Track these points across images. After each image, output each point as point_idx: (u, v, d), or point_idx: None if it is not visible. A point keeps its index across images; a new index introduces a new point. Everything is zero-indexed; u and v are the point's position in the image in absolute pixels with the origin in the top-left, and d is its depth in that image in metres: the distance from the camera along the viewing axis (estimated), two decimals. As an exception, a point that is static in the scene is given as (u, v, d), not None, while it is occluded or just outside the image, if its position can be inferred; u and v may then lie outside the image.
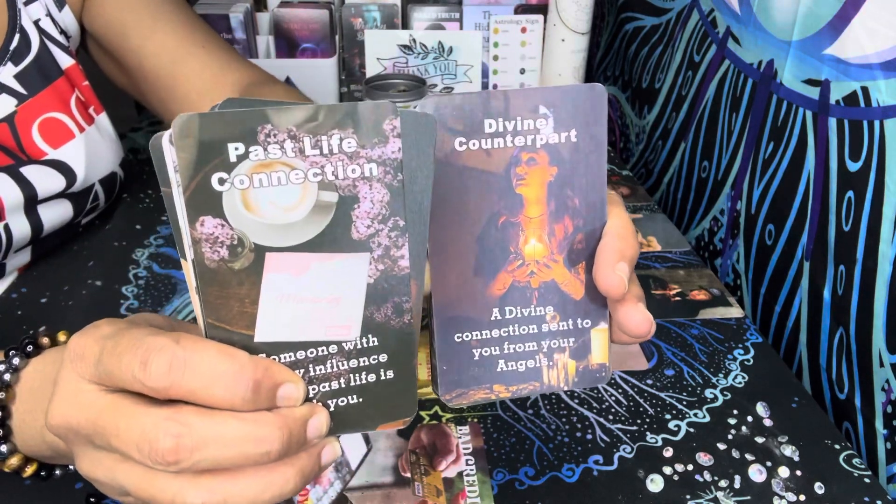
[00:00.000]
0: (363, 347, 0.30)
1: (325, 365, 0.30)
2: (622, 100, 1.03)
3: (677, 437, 0.49)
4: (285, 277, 0.28)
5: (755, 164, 0.67)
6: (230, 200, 0.27)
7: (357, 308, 0.30)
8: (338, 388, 0.31)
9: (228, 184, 0.26)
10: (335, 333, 0.30)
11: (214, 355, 0.27)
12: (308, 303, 0.29)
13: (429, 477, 0.45)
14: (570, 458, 0.47)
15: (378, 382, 0.31)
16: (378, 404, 0.31)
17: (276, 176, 0.27)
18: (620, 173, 0.88)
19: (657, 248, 0.71)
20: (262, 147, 0.26)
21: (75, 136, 0.60)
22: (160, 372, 0.26)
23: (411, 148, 0.28)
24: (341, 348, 0.30)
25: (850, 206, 0.53)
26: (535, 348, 0.33)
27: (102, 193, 0.65)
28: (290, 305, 0.29)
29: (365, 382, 0.31)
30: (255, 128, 0.26)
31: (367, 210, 0.28)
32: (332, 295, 0.29)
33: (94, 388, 0.28)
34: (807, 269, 0.59)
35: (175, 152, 0.26)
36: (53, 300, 0.61)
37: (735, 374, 0.55)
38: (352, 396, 0.31)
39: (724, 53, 0.72)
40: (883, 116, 0.49)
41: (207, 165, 0.26)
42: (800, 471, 0.47)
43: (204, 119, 0.26)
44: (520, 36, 1.04)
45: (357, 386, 0.31)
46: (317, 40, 1.03)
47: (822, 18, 0.55)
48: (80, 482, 0.44)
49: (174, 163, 0.26)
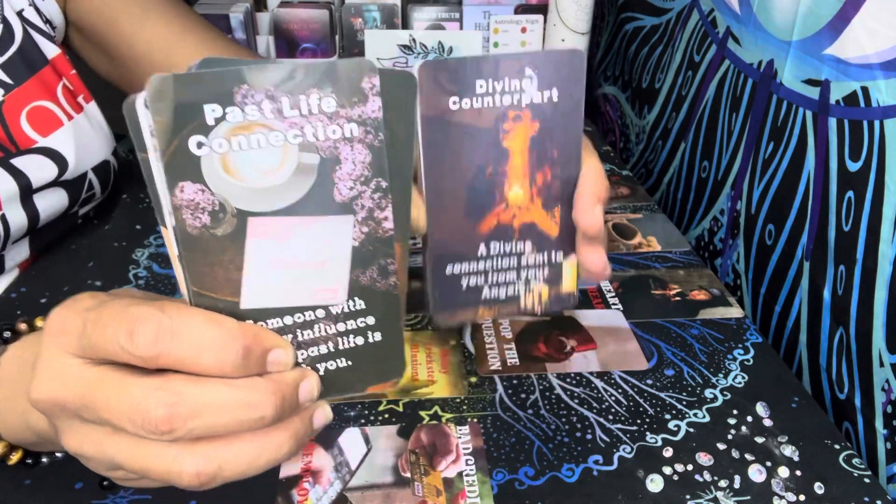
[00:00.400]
0: (350, 311, 0.30)
1: (312, 329, 0.30)
2: (622, 100, 1.03)
3: (677, 437, 0.49)
4: (269, 243, 0.28)
5: (755, 164, 0.67)
6: (209, 165, 0.26)
7: (343, 271, 0.29)
8: (326, 352, 0.31)
9: (207, 147, 0.26)
10: (322, 297, 0.30)
11: (202, 323, 0.27)
12: (293, 267, 0.29)
13: (428, 477, 0.45)
14: (569, 458, 0.47)
15: (366, 345, 0.31)
16: (367, 366, 0.31)
17: (256, 138, 0.26)
18: (620, 173, 0.88)
19: (657, 248, 0.71)
20: (239, 108, 0.26)
21: (64, 124, 0.61)
22: (147, 341, 0.26)
23: (392, 107, 0.28)
24: (328, 312, 0.30)
25: (850, 206, 0.53)
26: (515, 278, 0.38)
27: (97, 183, 0.65)
28: (275, 271, 0.28)
29: (353, 345, 0.31)
30: (231, 88, 0.25)
31: (348, 172, 0.28)
32: (317, 259, 0.29)
33: (79, 362, 0.28)
34: (807, 269, 0.59)
35: (151, 116, 0.25)
36: (53, 300, 0.61)
37: (735, 374, 0.55)
38: (341, 360, 0.31)
39: (724, 53, 0.72)
40: (883, 116, 0.49)
41: (185, 129, 0.25)
42: (800, 471, 0.47)
43: (179, 80, 0.25)
44: (520, 36, 1.04)
45: (345, 349, 0.31)
46: (317, 40, 1.03)
47: (822, 18, 0.55)
48: (80, 482, 0.44)
49: (150, 127, 0.25)
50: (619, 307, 0.62)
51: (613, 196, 0.82)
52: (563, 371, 0.55)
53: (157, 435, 0.26)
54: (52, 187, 0.60)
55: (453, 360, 0.55)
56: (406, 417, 0.50)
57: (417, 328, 0.59)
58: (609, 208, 0.79)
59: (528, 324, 0.60)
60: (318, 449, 0.47)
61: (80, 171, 0.63)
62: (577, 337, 0.58)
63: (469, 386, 0.53)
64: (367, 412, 0.50)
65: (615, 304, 0.62)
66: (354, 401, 0.51)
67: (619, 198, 0.82)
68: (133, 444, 0.27)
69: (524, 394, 0.52)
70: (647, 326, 0.60)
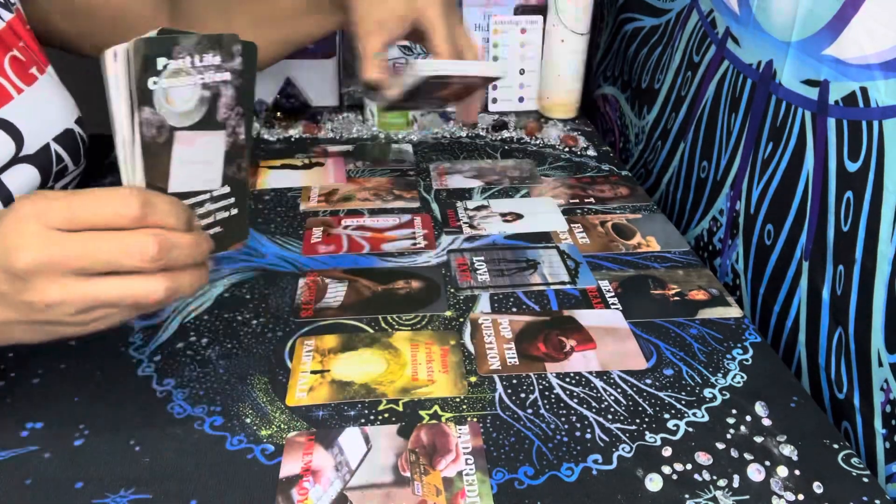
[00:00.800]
0: (221, 194, 0.47)
1: (203, 206, 0.46)
2: (622, 100, 1.04)
3: (676, 437, 0.49)
4: (184, 148, 0.43)
5: (754, 164, 0.67)
6: (158, 96, 0.41)
7: (220, 167, 0.46)
8: (210, 222, 0.47)
9: (157, 85, 0.41)
10: (209, 185, 0.46)
11: (163, 196, 0.41)
12: (196, 164, 0.44)
13: (428, 476, 0.46)
14: (569, 457, 0.47)
15: (229, 217, 0.48)
16: (229, 231, 0.48)
17: (182, 80, 0.42)
18: (620, 173, 0.88)
19: (656, 248, 0.71)
20: (174, 61, 0.41)
21: (14, 98, 0.59)
22: (137, 206, 0.39)
23: (245, 63, 0.45)
24: (211, 195, 0.46)
25: (848, 206, 0.53)
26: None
27: (66, 154, 0.63)
28: (186, 167, 0.44)
29: (223, 217, 0.47)
30: (171, 48, 0.41)
31: (224, 102, 0.45)
32: (206, 158, 0.45)
33: (60, 231, 0.39)
34: (806, 268, 0.59)
35: (130, 64, 0.39)
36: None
37: (734, 374, 0.55)
38: (216, 227, 0.47)
39: (724, 54, 0.72)
40: (882, 117, 0.49)
41: (147, 73, 0.40)
42: (798, 470, 0.47)
43: (147, 42, 0.40)
44: (519, 37, 1.04)
45: (219, 220, 0.47)
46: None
47: (822, 19, 0.55)
48: (80, 482, 0.44)
49: (115, 75, 0.39)
50: (618, 307, 0.62)
51: (613, 196, 0.82)
52: (563, 371, 0.55)
53: (150, 263, 0.39)
54: (16, 164, 0.58)
55: (453, 359, 0.56)
56: (406, 417, 0.50)
57: (417, 328, 0.59)
58: (609, 208, 0.79)
59: (528, 324, 0.60)
60: (318, 448, 0.47)
61: (41, 144, 0.60)
62: (576, 336, 0.58)
63: (469, 385, 0.53)
64: (367, 412, 0.50)
65: (614, 303, 0.63)
66: (354, 400, 0.51)
67: (618, 198, 0.82)
68: (118, 279, 0.40)
69: (524, 393, 0.53)
70: (647, 326, 0.60)
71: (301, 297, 0.62)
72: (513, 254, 0.70)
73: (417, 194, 0.81)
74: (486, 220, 0.76)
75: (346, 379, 0.53)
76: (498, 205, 0.79)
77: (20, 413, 0.49)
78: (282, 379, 0.53)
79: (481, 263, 0.68)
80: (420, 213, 0.77)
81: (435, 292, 0.64)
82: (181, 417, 0.50)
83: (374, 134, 0.98)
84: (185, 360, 0.55)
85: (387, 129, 0.99)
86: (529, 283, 0.65)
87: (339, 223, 0.75)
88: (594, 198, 0.82)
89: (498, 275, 0.66)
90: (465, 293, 0.64)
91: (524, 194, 0.82)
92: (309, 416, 0.50)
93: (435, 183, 0.84)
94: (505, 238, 0.73)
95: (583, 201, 0.81)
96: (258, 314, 0.60)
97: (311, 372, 0.54)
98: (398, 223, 0.75)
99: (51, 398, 0.51)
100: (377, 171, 0.87)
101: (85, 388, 0.52)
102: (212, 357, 0.55)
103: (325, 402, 0.51)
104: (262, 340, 0.57)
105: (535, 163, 0.90)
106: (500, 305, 0.62)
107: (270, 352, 0.56)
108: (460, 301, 0.63)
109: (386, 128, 0.99)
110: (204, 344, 0.57)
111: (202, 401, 0.51)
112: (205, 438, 0.48)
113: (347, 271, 0.66)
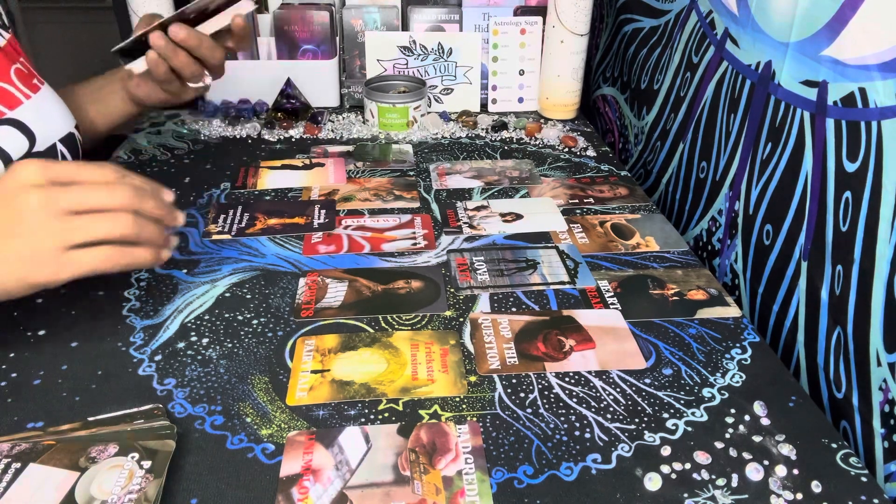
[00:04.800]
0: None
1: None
2: (621, 101, 1.04)
3: (675, 436, 0.49)
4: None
5: (753, 164, 0.67)
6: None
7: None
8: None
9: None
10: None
11: (136, 177, 0.52)
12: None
13: (428, 475, 0.46)
14: (568, 456, 0.48)
15: None
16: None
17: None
18: (619, 174, 0.88)
19: (655, 249, 0.72)
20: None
21: (23, 102, 0.64)
22: (118, 174, 0.51)
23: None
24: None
25: (847, 207, 0.53)
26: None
27: (69, 155, 0.69)
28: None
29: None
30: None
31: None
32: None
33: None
34: (804, 268, 0.59)
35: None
36: (48, 296, 0.61)
37: (733, 374, 0.55)
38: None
39: (723, 55, 0.72)
40: (880, 117, 0.49)
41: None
42: (797, 469, 0.47)
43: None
44: (519, 37, 1.04)
45: None
46: (317, 42, 1.03)
47: (820, 20, 0.55)
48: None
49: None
50: (617, 307, 0.62)
51: (612, 196, 0.82)
52: (562, 370, 0.55)
53: (129, 207, 0.50)
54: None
55: (453, 359, 0.56)
56: (406, 416, 0.50)
57: (417, 328, 0.59)
58: (608, 208, 0.79)
59: (528, 323, 0.60)
60: (318, 447, 0.47)
61: (49, 143, 0.66)
62: (575, 336, 0.59)
63: (468, 385, 0.53)
64: (368, 411, 0.51)
65: (614, 303, 0.63)
66: (355, 400, 0.51)
67: (617, 198, 0.82)
68: (108, 219, 0.49)
69: (523, 393, 0.53)
70: (646, 326, 0.60)
71: (301, 297, 0.63)
72: (512, 254, 0.70)
73: (417, 194, 0.82)
74: (486, 220, 0.76)
75: (346, 378, 0.53)
76: (497, 205, 0.80)
77: (21, 413, 0.49)
78: (282, 378, 0.53)
79: (481, 263, 0.68)
80: (420, 213, 0.78)
81: (435, 292, 0.64)
82: (182, 417, 0.50)
83: (374, 134, 0.98)
84: (186, 360, 0.55)
85: (387, 129, 0.99)
86: (529, 283, 0.66)
87: (340, 223, 0.75)
88: (593, 198, 0.82)
89: (497, 275, 0.67)
90: (464, 293, 0.64)
91: (524, 194, 0.82)
92: (309, 415, 0.50)
93: (435, 183, 0.85)
94: (504, 238, 0.73)
95: (582, 201, 0.81)
96: (259, 314, 0.60)
97: (311, 371, 0.54)
98: (398, 223, 0.75)
99: (51, 398, 0.51)
100: (377, 171, 0.87)
101: (85, 388, 0.52)
102: (212, 356, 0.55)
103: (326, 402, 0.51)
104: (263, 340, 0.57)
105: (534, 163, 0.90)
106: (500, 305, 0.62)
107: (271, 351, 0.56)
108: (460, 301, 0.63)
109: (386, 128, 0.99)
110: (204, 343, 0.57)
111: (203, 400, 0.51)
112: (205, 438, 0.48)
113: (347, 271, 0.67)
